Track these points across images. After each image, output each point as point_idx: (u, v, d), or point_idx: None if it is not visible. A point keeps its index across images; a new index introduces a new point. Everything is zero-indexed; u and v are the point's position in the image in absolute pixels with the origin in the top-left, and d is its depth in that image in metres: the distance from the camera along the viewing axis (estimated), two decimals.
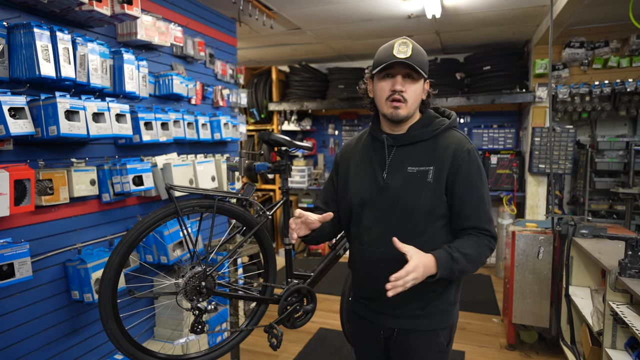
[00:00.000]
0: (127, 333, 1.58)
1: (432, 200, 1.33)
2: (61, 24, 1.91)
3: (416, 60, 1.30)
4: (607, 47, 4.12)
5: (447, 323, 1.42)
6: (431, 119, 1.41)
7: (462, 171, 1.33)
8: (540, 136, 4.29)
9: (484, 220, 1.35)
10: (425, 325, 1.39)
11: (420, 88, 1.36)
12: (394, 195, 1.36)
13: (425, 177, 1.34)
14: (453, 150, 1.34)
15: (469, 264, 1.31)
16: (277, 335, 1.85)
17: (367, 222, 1.41)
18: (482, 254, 1.35)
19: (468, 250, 1.32)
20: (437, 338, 1.41)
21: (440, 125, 1.39)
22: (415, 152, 1.37)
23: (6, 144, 1.68)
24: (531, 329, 3.09)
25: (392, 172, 1.37)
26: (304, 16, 3.74)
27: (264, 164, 2.12)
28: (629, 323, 1.76)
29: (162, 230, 2.27)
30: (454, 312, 1.45)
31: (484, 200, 1.35)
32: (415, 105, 1.36)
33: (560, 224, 2.72)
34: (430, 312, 1.39)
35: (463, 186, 1.33)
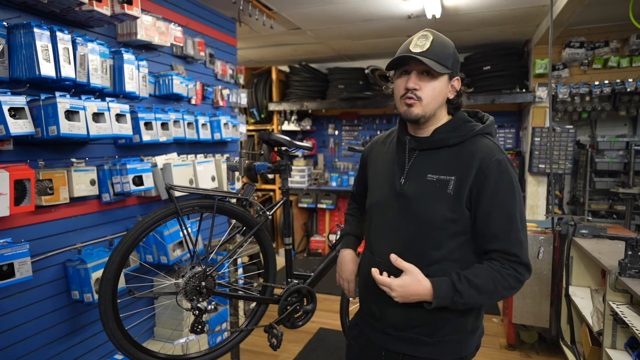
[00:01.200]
0: (127, 333, 1.58)
1: (450, 214, 1.17)
2: (61, 24, 1.91)
3: (434, 54, 1.16)
4: (607, 47, 4.12)
5: (458, 354, 1.25)
6: (460, 122, 1.25)
7: (489, 184, 1.15)
8: (540, 136, 4.29)
9: (512, 244, 1.15)
10: (432, 353, 1.24)
11: (441, 85, 1.20)
12: (408, 204, 1.23)
13: (446, 188, 1.18)
14: (480, 159, 1.17)
15: (480, 296, 1.14)
16: (277, 335, 1.85)
17: (379, 230, 1.32)
18: (502, 285, 1.15)
19: (481, 280, 1.14)
20: None
21: (470, 131, 1.22)
22: (438, 158, 1.23)
23: (6, 144, 1.68)
24: (531, 329, 3.09)
25: (411, 179, 1.25)
26: (304, 16, 3.74)
27: (264, 164, 2.12)
28: (629, 323, 1.76)
29: (162, 230, 2.27)
30: (471, 341, 1.27)
31: (515, 220, 1.16)
32: (434, 104, 1.21)
33: (560, 224, 2.73)
34: (439, 341, 1.23)
35: (489, 201, 1.16)
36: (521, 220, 1.17)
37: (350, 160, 5.94)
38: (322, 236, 5.78)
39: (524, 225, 1.19)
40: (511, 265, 1.16)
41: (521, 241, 1.16)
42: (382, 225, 1.31)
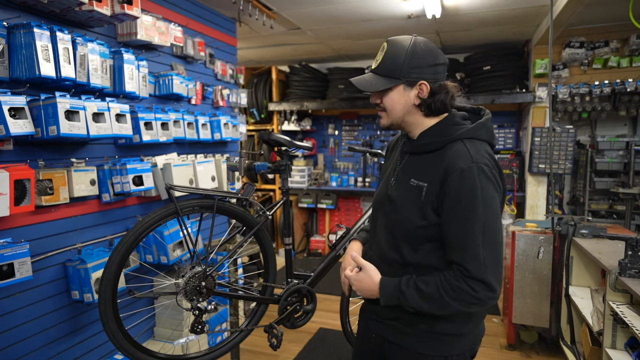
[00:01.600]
0: (127, 333, 1.58)
1: (421, 221, 1.19)
2: (61, 24, 1.91)
3: (383, 68, 1.21)
4: (607, 47, 4.11)
5: (439, 352, 1.25)
6: (446, 126, 1.22)
7: (450, 193, 1.13)
8: (540, 136, 4.29)
9: (466, 258, 1.11)
10: (412, 344, 1.27)
11: (396, 96, 1.21)
12: (391, 206, 1.28)
13: (420, 194, 1.19)
14: (445, 167, 1.15)
15: (425, 302, 1.15)
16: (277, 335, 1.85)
17: (373, 226, 1.40)
18: (450, 296, 1.12)
19: (428, 287, 1.15)
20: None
21: (449, 135, 1.20)
22: (421, 163, 1.24)
23: (6, 144, 1.68)
24: (531, 329, 3.09)
25: (399, 181, 1.28)
26: (304, 16, 3.74)
27: (264, 164, 2.12)
28: (629, 323, 1.76)
29: (162, 230, 2.27)
30: (455, 343, 1.25)
31: (473, 234, 1.10)
32: (396, 113, 1.23)
33: (560, 224, 2.73)
34: (417, 333, 1.26)
35: (448, 211, 1.14)
36: (485, 235, 1.11)
37: (350, 160, 5.93)
38: (322, 236, 5.78)
39: (490, 242, 1.11)
40: (464, 279, 1.12)
41: (478, 256, 1.10)
42: (376, 223, 1.38)
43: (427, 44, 1.21)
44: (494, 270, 1.11)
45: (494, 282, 1.11)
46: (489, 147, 1.23)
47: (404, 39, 1.21)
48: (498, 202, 1.16)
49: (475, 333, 1.30)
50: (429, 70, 1.19)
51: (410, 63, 1.18)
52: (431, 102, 1.21)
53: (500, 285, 1.15)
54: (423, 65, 1.19)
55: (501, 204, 1.20)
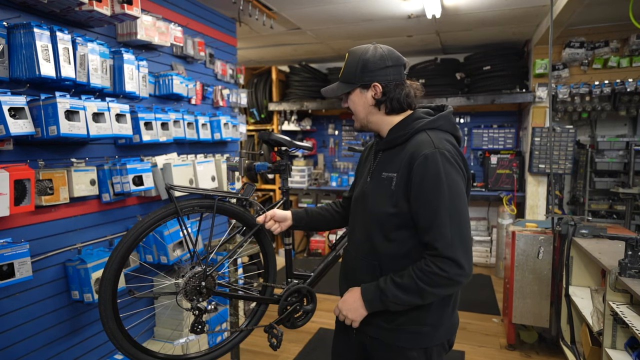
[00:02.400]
0: (127, 333, 1.58)
1: (392, 209, 1.26)
2: (61, 24, 1.91)
3: (344, 76, 1.34)
4: (607, 47, 4.12)
5: (419, 344, 1.31)
6: (410, 120, 1.32)
7: (416, 179, 1.21)
8: (540, 136, 4.29)
9: (435, 237, 1.18)
10: (392, 339, 1.32)
11: (355, 99, 1.35)
12: (366, 200, 1.35)
13: (390, 184, 1.28)
14: (410, 155, 1.24)
15: (404, 294, 1.22)
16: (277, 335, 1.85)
17: (351, 223, 1.47)
18: (424, 282, 1.19)
19: (404, 279, 1.22)
20: (409, 353, 1.31)
21: (413, 128, 1.30)
22: (391, 156, 1.33)
23: (6, 144, 1.68)
24: (531, 329, 3.09)
25: (373, 177, 1.37)
26: (304, 16, 3.74)
27: (264, 164, 2.12)
28: (629, 323, 1.76)
29: (162, 230, 2.27)
30: (434, 334, 1.32)
31: (439, 215, 1.18)
32: (361, 114, 1.36)
33: (560, 224, 2.72)
34: (397, 329, 1.31)
35: (416, 195, 1.22)
36: (451, 216, 1.18)
37: (350, 160, 5.93)
38: (322, 236, 5.78)
39: (456, 221, 1.19)
40: (433, 260, 1.19)
41: (446, 236, 1.17)
42: (353, 220, 1.45)
43: (380, 50, 1.32)
44: (462, 248, 1.18)
45: (462, 259, 1.17)
46: (452, 137, 1.32)
47: (361, 48, 1.34)
48: (462, 185, 1.24)
49: (451, 323, 1.36)
50: (380, 73, 1.30)
51: (363, 68, 1.31)
52: (386, 100, 1.32)
53: (469, 263, 1.20)
54: (374, 69, 1.30)
55: (467, 191, 1.28)
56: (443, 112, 1.35)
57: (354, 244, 1.42)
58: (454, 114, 1.42)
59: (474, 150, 5.39)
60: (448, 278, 1.18)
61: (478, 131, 5.30)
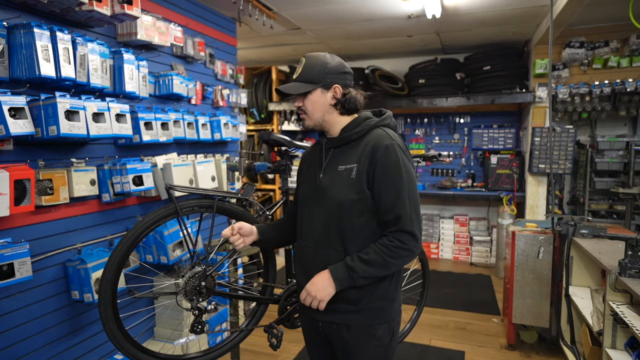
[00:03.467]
0: (127, 333, 1.58)
1: (355, 195, 1.38)
2: (61, 24, 1.91)
3: (303, 76, 1.43)
4: (607, 47, 4.12)
5: (384, 319, 1.44)
6: (361, 120, 1.47)
7: (379, 166, 1.36)
8: (540, 136, 4.29)
9: (399, 215, 1.35)
10: (359, 320, 1.43)
11: (315, 98, 1.43)
12: (324, 192, 1.45)
13: (350, 174, 1.40)
14: (372, 146, 1.39)
15: (373, 268, 1.35)
16: (277, 335, 1.85)
17: (304, 218, 1.53)
18: (388, 255, 1.35)
19: (370, 255, 1.36)
20: (375, 332, 1.43)
21: (367, 125, 1.45)
22: (346, 152, 1.46)
23: (6, 144, 1.68)
24: (531, 329, 3.09)
25: (327, 172, 1.48)
26: (304, 16, 3.74)
27: (264, 164, 2.12)
28: (629, 323, 1.76)
29: (162, 230, 2.27)
30: (393, 307, 1.47)
31: (401, 196, 1.35)
32: (317, 113, 1.45)
33: (560, 224, 2.72)
34: (363, 308, 1.42)
35: (380, 180, 1.37)
36: (409, 197, 1.36)
37: None
38: None
39: (413, 202, 1.38)
40: (394, 235, 1.36)
41: (408, 214, 1.35)
42: (307, 214, 1.52)
43: (337, 57, 1.47)
44: (418, 224, 1.39)
45: (418, 232, 1.38)
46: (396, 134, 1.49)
47: (319, 53, 1.46)
48: (414, 172, 1.44)
49: (399, 301, 1.53)
50: (340, 77, 1.45)
51: (325, 70, 1.43)
52: (345, 102, 1.45)
53: (421, 236, 1.41)
54: (335, 72, 1.43)
55: None
56: (386, 113, 1.51)
57: (313, 236, 1.48)
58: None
59: (474, 150, 5.38)
60: (408, 249, 1.36)
61: (478, 131, 5.30)
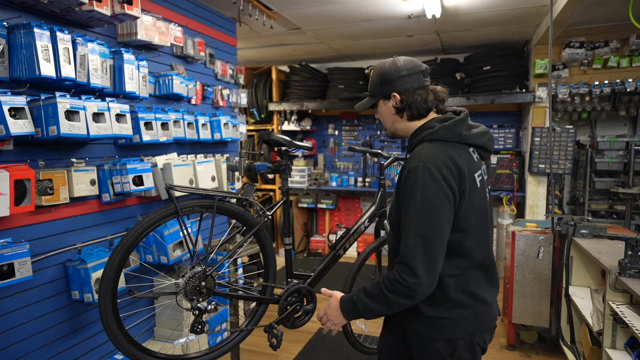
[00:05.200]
0: (127, 333, 1.58)
1: (396, 219, 1.35)
2: (61, 24, 1.91)
3: (369, 90, 1.46)
4: (607, 47, 4.11)
5: (442, 335, 1.34)
6: (422, 129, 1.37)
7: (401, 191, 1.31)
8: (540, 136, 4.29)
9: (402, 245, 1.25)
10: (418, 330, 1.39)
11: (381, 110, 1.45)
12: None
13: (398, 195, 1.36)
14: (403, 166, 1.33)
15: (373, 302, 1.30)
16: (277, 335, 1.85)
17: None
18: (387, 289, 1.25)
19: (373, 288, 1.30)
20: (434, 345, 1.35)
21: (415, 139, 1.37)
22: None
23: (6, 144, 1.68)
24: (531, 329, 3.10)
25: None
26: (304, 16, 3.74)
27: (264, 164, 2.12)
28: (628, 323, 1.76)
29: (162, 230, 2.27)
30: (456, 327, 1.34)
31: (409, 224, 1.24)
32: (388, 123, 1.45)
33: (560, 224, 2.72)
34: (419, 320, 1.37)
35: (399, 205, 1.32)
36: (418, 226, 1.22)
37: (350, 160, 5.93)
38: (322, 236, 5.78)
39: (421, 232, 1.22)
40: (396, 267, 1.26)
41: (408, 244, 1.23)
42: None
43: (397, 61, 1.39)
44: (423, 259, 1.21)
45: (420, 269, 1.20)
46: (455, 147, 1.31)
47: (381, 62, 1.44)
48: (440, 199, 1.23)
49: (476, 320, 1.35)
50: (397, 83, 1.38)
51: (382, 81, 1.41)
52: (406, 107, 1.38)
53: (428, 274, 1.21)
54: (391, 79, 1.38)
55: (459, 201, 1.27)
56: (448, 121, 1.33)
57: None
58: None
59: None
60: (405, 286, 1.22)
61: None
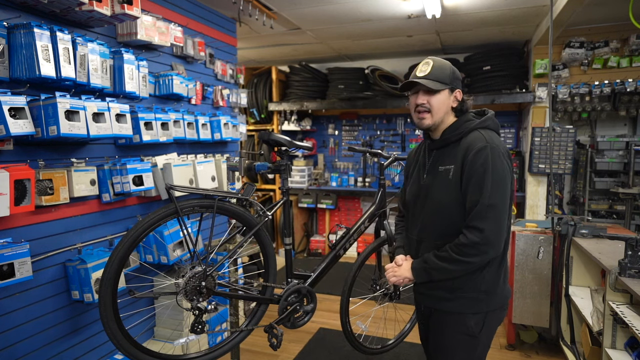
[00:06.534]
0: (127, 333, 1.58)
1: (452, 196, 1.46)
2: (61, 24, 1.91)
3: (434, 76, 1.50)
4: (607, 47, 4.11)
5: (477, 310, 1.50)
6: (462, 122, 1.54)
7: (467, 167, 1.43)
8: (540, 136, 4.29)
9: (474, 213, 1.40)
10: (451, 307, 1.52)
11: (443, 98, 1.51)
12: (426, 192, 1.56)
13: (449, 175, 1.48)
14: (466, 148, 1.46)
15: (444, 263, 1.44)
16: (277, 335, 1.85)
17: (411, 214, 1.67)
18: (453, 251, 1.42)
19: (442, 252, 1.46)
20: (467, 321, 1.50)
21: (466, 128, 1.51)
22: (446, 153, 1.54)
23: (6, 144, 1.68)
24: (531, 329, 3.09)
25: (429, 172, 1.57)
26: (304, 16, 3.74)
27: (264, 164, 2.12)
28: (628, 323, 1.76)
29: (162, 230, 2.27)
30: (489, 300, 1.50)
31: (482, 195, 1.38)
32: (441, 113, 1.52)
33: (560, 224, 2.72)
34: (456, 297, 1.51)
35: (466, 182, 1.43)
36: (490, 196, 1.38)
37: (350, 160, 5.93)
38: (322, 236, 5.78)
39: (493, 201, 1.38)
40: (465, 231, 1.42)
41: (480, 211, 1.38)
42: (413, 210, 1.64)
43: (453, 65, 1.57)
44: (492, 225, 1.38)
45: (490, 233, 1.38)
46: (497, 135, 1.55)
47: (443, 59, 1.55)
48: (508, 175, 1.43)
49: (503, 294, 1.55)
50: (459, 84, 1.56)
51: (453, 75, 1.54)
52: (461, 106, 1.56)
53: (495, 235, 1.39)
54: (458, 78, 1.56)
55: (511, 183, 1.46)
56: (487, 114, 1.56)
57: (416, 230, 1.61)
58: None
59: None
60: (473, 246, 1.38)
61: None
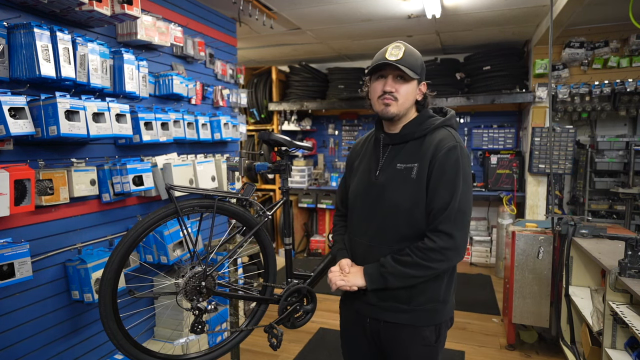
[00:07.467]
0: (127, 333, 1.58)
1: (414, 196, 1.35)
2: (61, 24, 1.91)
3: (407, 62, 1.36)
4: (607, 47, 4.12)
5: (434, 321, 1.42)
6: (425, 118, 1.43)
7: (438, 166, 1.33)
8: (540, 136, 4.29)
9: (442, 216, 1.30)
10: (408, 320, 1.41)
11: (411, 88, 1.40)
12: (380, 191, 1.42)
13: (410, 174, 1.37)
14: (434, 146, 1.35)
15: (405, 268, 1.33)
16: (277, 335, 1.85)
17: (358, 215, 1.51)
18: (419, 256, 1.31)
19: (403, 256, 1.34)
20: (423, 332, 1.41)
21: (432, 124, 1.41)
22: (406, 149, 1.42)
23: (6, 144, 1.68)
24: (531, 329, 3.10)
25: (383, 169, 1.44)
26: (304, 16, 3.74)
27: (264, 164, 2.12)
28: (628, 323, 1.76)
29: (162, 230, 2.27)
30: (444, 310, 1.43)
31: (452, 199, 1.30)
32: (407, 104, 1.40)
33: (560, 224, 2.72)
34: (414, 309, 1.40)
35: (435, 181, 1.33)
36: (460, 200, 1.31)
37: None
38: (322, 236, 5.78)
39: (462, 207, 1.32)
40: (429, 235, 1.32)
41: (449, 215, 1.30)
42: (360, 212, 1.49)
43: None
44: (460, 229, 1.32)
45: (458, 237, 1.31)
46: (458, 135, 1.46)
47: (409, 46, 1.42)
48: (471, 180, 1.38)
49: (453, 300, 1.50)
50: (424, 75, 1.46)
51: (422, 65, 1.43)
52: (424, 100, 1.47)
53: (463, 243, 1.34)
54: (424, 69, 1.45)
55: None
56: (450, 113, 1.47)
57: (367, 234, 1.46)
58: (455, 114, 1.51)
59: (474, 150, 5.39)
60: (439, 251, 1.30)
61: (478, 131, 5.30)
